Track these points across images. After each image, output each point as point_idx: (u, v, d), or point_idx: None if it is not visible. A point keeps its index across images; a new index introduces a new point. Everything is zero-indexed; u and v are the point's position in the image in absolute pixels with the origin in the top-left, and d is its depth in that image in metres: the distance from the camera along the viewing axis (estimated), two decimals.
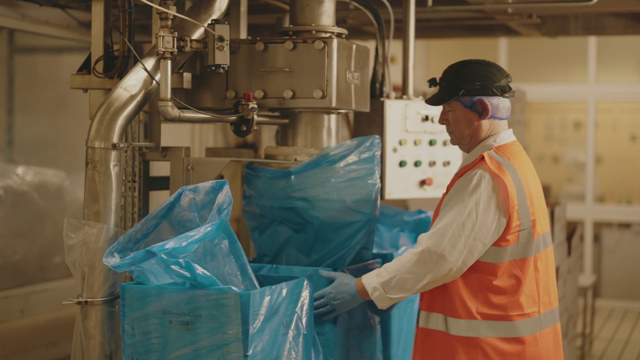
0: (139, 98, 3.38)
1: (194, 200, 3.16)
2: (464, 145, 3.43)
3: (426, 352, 3.34)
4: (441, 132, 4.29)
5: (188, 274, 2.89)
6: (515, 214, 3.19)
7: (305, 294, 3.25)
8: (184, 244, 2.87)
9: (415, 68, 4.47)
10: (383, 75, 4.42)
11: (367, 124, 4.31)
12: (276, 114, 3.82)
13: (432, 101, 3.43)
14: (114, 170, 3.30)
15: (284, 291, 3.10)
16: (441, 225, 3.22)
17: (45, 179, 5.48)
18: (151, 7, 3.47)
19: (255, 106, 3.58)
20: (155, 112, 3.66)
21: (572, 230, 6.88)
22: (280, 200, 3.64)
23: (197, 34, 3.57)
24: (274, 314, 3.04)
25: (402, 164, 4.27)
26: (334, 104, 3.62)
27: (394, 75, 4.55)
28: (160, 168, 4.03)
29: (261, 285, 3.25)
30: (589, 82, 10.79)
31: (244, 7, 4.13)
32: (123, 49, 3.70)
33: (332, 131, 3.80)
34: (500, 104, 3.34)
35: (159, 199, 4.80)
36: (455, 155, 4.36)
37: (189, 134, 6.78)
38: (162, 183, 3.85)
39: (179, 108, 3.44)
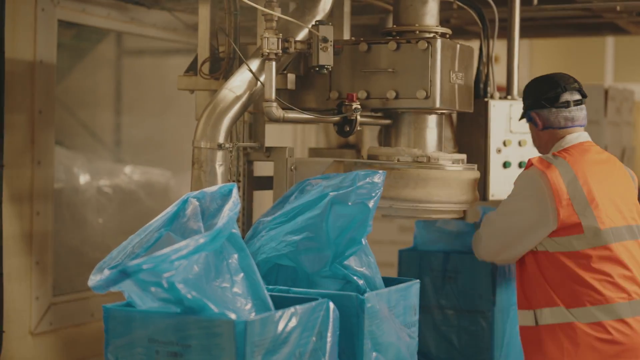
0: (244, 99, 3.42)
1: (200, 208, 2.70)
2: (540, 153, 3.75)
3: (525, 348, 3.59)
4: None
5: (171, 297, 2.43)
6: (567, 207, 3.38)
7: (327, 318, 2.73)
8: (167, 260, 2.37)
9: (519, 68, 4.41)
10: (487, 75, 4.37)
11: (471, 124, 4.27)
12: (379, 114, 3.81)
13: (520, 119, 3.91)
14: (219, 170, 3.35)
15: (296, 316, 2.59)
16: (492, 214, 3.68)
17: (151, 178, 5.59)
18: (256, 9, 3.51)
19: (359, 107, 3.58)
20: (260, 113, 3.70)
21: None
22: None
23: (301, 35, 3.60)
24: (282, 345, 2.54)
25: (506, 164, 4.22)
26: (437, 105, 3.60)
27: (498, 75, 4.50)
28: (264, 168, 4.07)
29: (278, 308, 2.66)
30: None
31: (347, 8, 4.13)
32: (228, 50, 3.75)
33: (435, 132, 3.78)
34: (550, 115, 3.60)
35: (263, 199, 4.86)
36: None
37: (291, 134, 6.83)
38: (266, 183, 3.89)
39: (283, 109, 3.47)
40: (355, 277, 2.98)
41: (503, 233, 3.58)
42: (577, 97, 3.61)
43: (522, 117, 3.79)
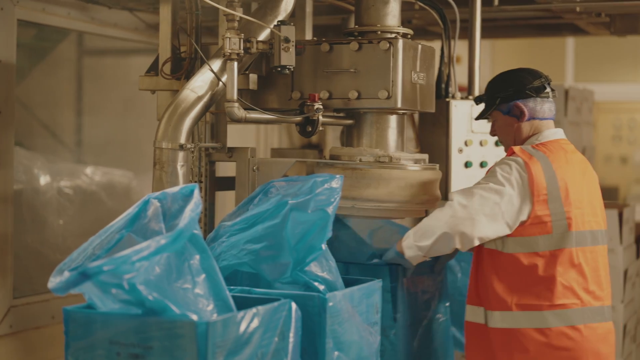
0: (205, 99, 3.41)
1: (162, 209, 2.70)
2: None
3: (469, 345, 3.51)
4: None
5: (132, 299, 2.41)
6: (542, 203, 3.31)
7: (289, 318, 2.74)
8: (128, 262, 2.35)
9: (480, 68, 4.44)
10: (448, 76, 4.40)
11: (433, 124, 4.30)
12: (341, 114, 3.82)
13: (477, 116, 3.70)
14: (181, 170, 3.34)
15: (258, 317, 2.59)
16: (473, 186, 3.42)
17: (113, 179, 5.55)
18: (218, 9, 3.50)
19: (321, 107, 3.59)
20: (222, 113, 3.69)
21: None
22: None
23: (263, 35, 3.60)
24: (244, 345, 2.55)
25: (467, 164, 4.24)
26: (399, 105, 3.61)
27: (459, 75, 4.53)
28: (226, 168, 4.05)
29: (240, 309, 2.65)
30: None
31: (309, 8, 4.14)
32: (190, 50, 3.74)
33: (397, 132, 3.79)
34: (537, 104, 3.50)
35: (225, 200, 4.84)
36: None
37: (254, 134, 6.82)
38: (228, 183, 3.88)
39: (245, 109, 3.46)
40: (316, 283, 3.00)
41: (491, 208, 3.33)
42: (550, 89, 3.56)
43: (490, 110, 3.57)
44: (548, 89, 3.52)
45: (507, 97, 3.51)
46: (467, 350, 3.52)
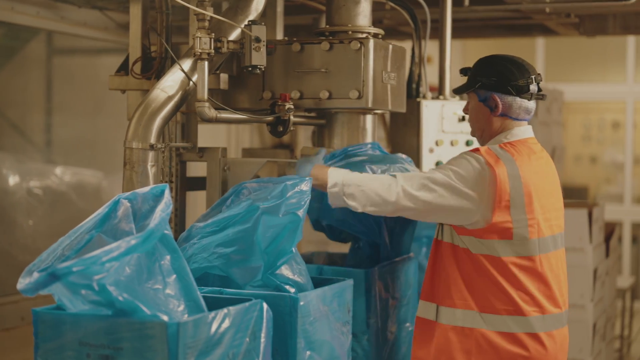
0: (176, 99, 3.40)
1: (132, 209, 2.68)
2: (478, 139, 3.43)
3: (419, 341, 3.36)
4: None
5: (102, 299, 2.40)
6: (504, 209, 3.17)
7: (261, 318, 2.73)
8: (98, 262, 2.33)
9: (451, 68, 4.45)
10: (419, 76, 4.41)
11: (404, 124, 4.31)
12: (312, 114, 3.82)
13: (455, 89, 3.49)
14: (151, 170, 3.32)
15: (229, 317, 2.59)
16: (422, 174, 3.28)
17: (83, 179, 5.52)
18: (188, 8, 3.48)
19: (292, 107, 3.59)
20: (192, 113, 3.68)
21: (610, 231, 6.81)
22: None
23: (234, 34, 3.59)
24: (215, 346, 2.54)
25: (438, 164, 4.26)
26: (370, 105, 3.62)
27: (430, 75, 4.54)
28: (197, 168, 4.04)
29: (211, 310, 2.65)
30: (628, 82, 10.67)
31: (280, 8, 4.14)
32: (160, 50, 3.73)
33: (368, 132, 3.80)
34: (514, 103, 3.30)
35: (196, 200, 4.83)
36: None
37: (225, 134, 6.80)
38: (199, 183, 3.87)
39: (215, 109, 3.45)
40: (287, 286, 3.00)
41: (436, 199, 3.22)
42: (537, 88, 3.34)
43: (468, 90, 3.39)
44: (532, 90, 3.30)
45: (487, 85, 3.31)
46: (415, 347, 3.37)
